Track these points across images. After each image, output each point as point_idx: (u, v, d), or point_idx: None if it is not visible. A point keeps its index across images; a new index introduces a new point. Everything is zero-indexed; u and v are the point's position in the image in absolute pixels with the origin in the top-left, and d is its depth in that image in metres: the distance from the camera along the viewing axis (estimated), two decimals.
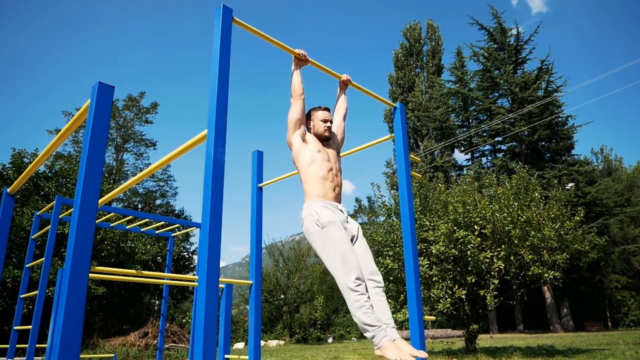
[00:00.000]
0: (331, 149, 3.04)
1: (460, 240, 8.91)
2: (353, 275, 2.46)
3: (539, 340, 15.18)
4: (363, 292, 2.46)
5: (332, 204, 2.76)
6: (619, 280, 28.30)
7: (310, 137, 2.99)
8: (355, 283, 2.45)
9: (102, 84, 2.37)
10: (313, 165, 2.84)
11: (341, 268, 2.49)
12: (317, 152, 2.88)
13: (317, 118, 3.05)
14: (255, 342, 3.78)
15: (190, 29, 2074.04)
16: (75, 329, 1.95)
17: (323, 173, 2.82)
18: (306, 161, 2.86)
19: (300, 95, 2.91)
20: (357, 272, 2.49)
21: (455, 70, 29.70)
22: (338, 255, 2.52)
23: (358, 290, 2.45)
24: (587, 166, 26.35)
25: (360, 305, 2.43)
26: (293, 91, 2.93)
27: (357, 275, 2.47)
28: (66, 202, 5.47)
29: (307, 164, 2.85)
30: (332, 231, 2.59)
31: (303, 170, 2.86)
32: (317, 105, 3.16)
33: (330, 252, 2.56)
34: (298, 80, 2.93)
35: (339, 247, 2.54)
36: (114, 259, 15.53)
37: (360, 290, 2.46)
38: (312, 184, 2.81)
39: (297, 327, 23.01)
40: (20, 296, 5.76)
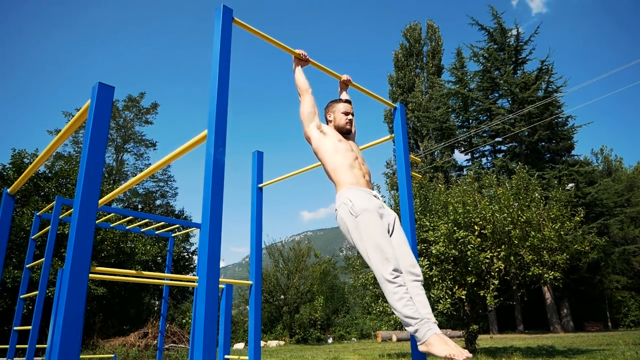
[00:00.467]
0: (352, 141, 2.96)
1: (460, 241, 8.90)
2: (390, 267, 2.34)
3: (539, 340, 15.17)
4: (401, 284, 2.33)
5: (366, 191, 2.64)
6: (619, 281, 28.30)
7: (329, 128, 2.91)
8: (392, 275, 2.32)
9: (102, 85, 2.37)
10: (338, 154, 2.74)
11: (378, 259, 2.37)
12: (339, 142, 2.80)
13: (338, 110, 2.97)
14: (255, 343, 3.78)
15: (190, 30, 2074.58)
16: (75, 329, 1.95)
17: (349, 161, 2.73)
18: (329, 151, 2.76)
19: (308, 89, 2.86)
20: (394, 263, 2.36)
21: (455, 71, 29.70)
22: (374, 245, 2.39)
23: (396, 282, 2.32)
24: (587, 166, 26.36)
25: (400, 297, 2.29)
26: (299, 87, 2.89)
27: (395, 267, 2.35)
28: (66, 203, 5.47)
29: (331, 153, 2.75)
30: (367, 219, 2.46)
31: (328, 161, 2.76)
32: (336, 99, 3.12)
33: (365, 242, 2.43)
34: (302, 76, 2.90)
35: (375, 236, 2.41)
36: (114, 260, 15.53)
37: (398, 282, 2.33)
38: (341, 173, 2.69)
39: (297, 328, 23.00)
40: (20, 296, 5.76)
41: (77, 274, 2.02)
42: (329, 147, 2.77)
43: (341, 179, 2.68)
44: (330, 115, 3.00)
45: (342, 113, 2.95)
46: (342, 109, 2.96)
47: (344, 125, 2.92)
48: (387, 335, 22.71)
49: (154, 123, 30.89)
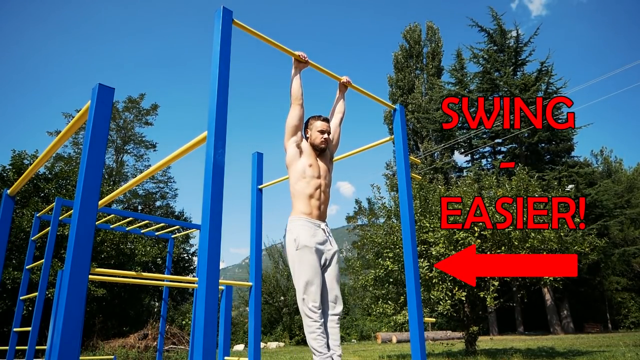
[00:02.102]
0: (323, 163, 3.05)
1: (460, 242, 8.90)
2: (311, 303, 2.65)
3: (539, 342, 15.16)
4: (317, 320, 2.65)
5: (315, 223, 2.86)
6: (619, 282, 28.28)
7: (306, 146, 3.02)
8: (311, 310, 2.64)
9: (102, 86, 2.37)
10: (302, 181, 2.91)
11: (303, 292, 2.67)
12: (309, 167, 2.93)
13: (315, 128, 3.06)
14: (255, 344, 3.78)
15: (190, 31, 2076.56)
16: (75, 330, 1.95)
17: (310, 191, 2.90)
18: (297, 174, 2.93)
19: (299, 101, 2.92)
20: (317, 299, 2.67)
21: (455, 72, 29.71)
22: (303, 280, 2.68)
23: (313, 317, 2.64)
24: (587, 168, 26.35)
25: (313, 331, 2.62)
26: (293, 95, 2.94)
27: (315, 303, 2.66)
28: (66, 204, 5.47)
29: (297, 177, 2.93)
30: (304, 255, 2.73)
31: (292, 183, 2.95)
32: (316, 115, 3.16)
33: (297, 274, 2.72)
34: (298, 85, 2.94)
35: (307, 272, 2.69)
36: (114, 261, 15.51)
37: (314, 317, 2.64)
38: (298, 200, 2.90)
39: (297, 329, 22.98)
40: (20, 298, 5.76)
41: (77, 275, 2.02)
42: (298, 169, 2.93)
43: (297, 205, 2.91)
44: (307, 132, 3.10)
45: (319, 131, 3.05)
46: (319, 127, 3.06)
47: (318, 144, 3.04)
48: (387, 337, 22.69)
49: (154, 124, 30.91)
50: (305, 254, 2.74)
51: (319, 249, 2.80)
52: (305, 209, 2.88)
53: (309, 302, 2.66)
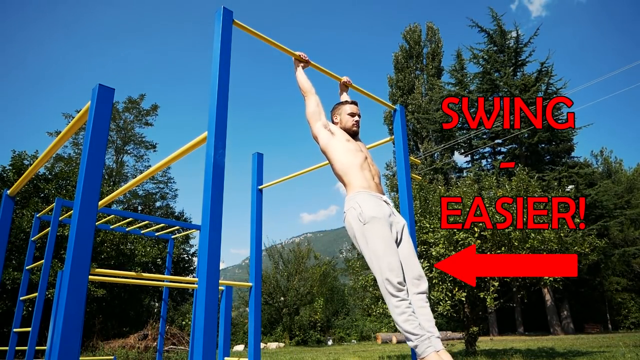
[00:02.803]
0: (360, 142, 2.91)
1: (460, 243, 8.90)
2: (394, 280, 2.30)
3: (539, 342, 15.16)
4: (404, 298, 2.30)
5: (376, 196, 2.56)
6: (619, 283, 28.27)
7: (336, 128, 2.85)
8: (396, 288, 2.29)
9: (102, 86, 2.37)
10: (348, 154, 2.68)
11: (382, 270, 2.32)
12: (347, 142, 2.75)
13: (344, 112, 2.92)
14: (255, 345, 3.77)
15: (190, 32, 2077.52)
16: (75, 331, 1.95)
17: (360, 161, 2.67)
18: (339, 150, 2.69)
19: (311, 89, 2.83)
20: (399, 275, 2.32)
21: (455, 73, 29.72)
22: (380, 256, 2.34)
23: (399, 295, 2.29)
24: (587, 168, 26.35)
25: (402, 312, 2.26)
26: (302, 88, 2.85)
27: (399, 280, 2.31)
28: (66, 204, 5.47)
29: (340, 152, 2.68)
30: (375, 228, 2.40)
31: (337, 160, 2.68)
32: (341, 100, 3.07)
33: (371, 251, 2.38)
34: (304, 77, 2.87)
35: (381, 247, 2.36)
36: (114, 261, 15.51)
37: (401, 295, 2.29)
38: (351, 174, 2.61)
39: (297, 330, 22.97)
40: (20, 298, 5.76)
41: (76, 275, 2.02)
42: (338, 147, 2.71)
43: (352, 180, 2.60)
44: (336, 117, 2.96)
45: (349, 114, 2.90)
46: (349, 110, 2.91)
47: (350, 127, 2.87)
48: (387, 337, 22.68)
49: (154, 125, 30.92)
50: (375, 226, 2.38)
51: (388, 220, 2.48)
52: (362, 182, 2.57)
53: (393, 279, 2.28)
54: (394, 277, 2.30)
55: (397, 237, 2.53)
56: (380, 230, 2.39)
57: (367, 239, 2.40)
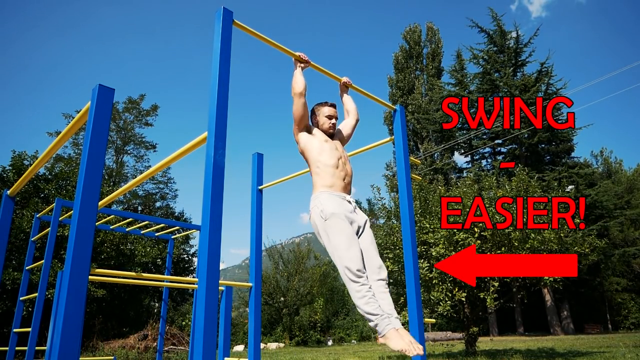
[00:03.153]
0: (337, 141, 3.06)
1: (460, 243, 8.90)
2: (354, 267, 2.48)
3: (539, 342, 15.15)
4: (364, 283, 2.48)
5: (339, 195, 2.76)
6: (619, 283, 28.26)
7: (316, 130, 3.02)
8: (355, 274, 2.47)
9: (102, 87, 2.37)
10: (323, 154, 2.85)
11: (342, 260, 2.51)
12: (325, 142, 2.91)
13: (322, 114, 3.07)
14: (255, 345, 3.77)
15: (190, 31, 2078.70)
16: (75, 331, 1.95)
17: (333, 161, 2.84)
18: (315, 150, 2.87)
19: (303, 93, 2.91)
20: (359, 263, 2.50)
21: (455, 73, 29.71)
22: (341, 248, 2.53)
23: (359, 281, 2.47)
24: (587, 169, 26.34)
25: (362, 295, 2.45)
26: (296, 88, 2.91)
27: (358, 267, 2.49)
28: (66, 205, 5.47)
29: (316, 152, 2.86)
30: (335, 223, 2.60)
31: (313, 160, 2.86)
32: (322, 101, 3.16)
33: (333, 244, 2.58)
34: (301, 77, 2.93)
35: (342, 239, 2.55)
36: (114, 262, 15.51)
37: (361, 281, 2.47)
38: (320, 175, 2.81)
39: (297, 330, 22.97)
40: (19, 298, 5.76)
41: (76, 276, 2.02)
42: (315, 147, 2.89)
43: (318, 181, 2.80)
44: (315, 118, 3.10)
45: (326, 117, 3.04)
46: (327, 113, 3.05)
47: (327, 129, 3.03)
48: None
49: (154, 125, 30.92)
50: (335, 221, 2.61)
51: (348, 216, 2.68)
52: (328, 181, 2.79)
53: (352, 267, 2.48)
54: (353, 265, 2.49)
55: (359, 230, 2.74)
56: (340, 225, 2.60)
57: (329, 233, 2.61)
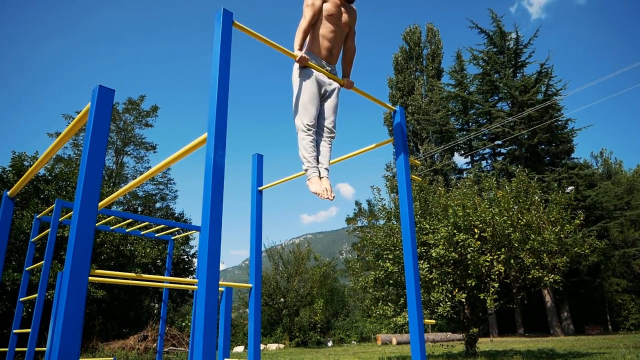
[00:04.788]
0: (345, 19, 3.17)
1: (460, 244, 8.90)
2: (306, 120, 2.91)
3: (540, 343, 15.15)
4: (310, 134, 2.92)
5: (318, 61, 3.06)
6: (619, 284, 28.24)
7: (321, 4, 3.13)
8: (305, 127, 2.91)
9: (102, 87, 2.38)
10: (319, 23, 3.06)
11: (300, 112, 2.94)
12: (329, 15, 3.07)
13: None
14: (255, 346, 3.77)
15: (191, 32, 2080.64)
16: (75, 332, 1.95)
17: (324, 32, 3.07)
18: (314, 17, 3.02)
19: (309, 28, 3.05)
20: (312, 119, 2.93)
21: (455, 74, 29.73)
22: (302, 102, 2.94)
23: (307, 132, 2.91)
24: (587, 169, 26.35)
25: (306, 144, 2.89)
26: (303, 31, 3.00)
27: (310, 122, 2.92)
28: (66, 205, 5.47)
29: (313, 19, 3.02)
30: (303, 81, 2.96)
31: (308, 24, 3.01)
32: None
33: (297, 98, 2.97)
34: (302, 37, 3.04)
35: (305, 95, 2.94)
36: (114, 262, 15.50)
37: (308, 132, 2.91)
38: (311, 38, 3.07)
39: (296, 331, 22.96)
40: (19, 299, 5.76)
41: (76, 276, 2.02)
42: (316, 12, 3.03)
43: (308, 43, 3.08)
44: None
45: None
46: None
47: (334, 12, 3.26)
48: (387, 339, 22.67)
49: (154, 126, 30.92)
50: (306, 80, 2.95)
51: (319, 80, 3.02)
52: (314, 47, 3.06)
53: (305, 119, 2.91)
54: (306, 119, 2.92)
55: (326, 93, 3.11)
56: (308, 84, 2.96)
57: (297, 88, 2.99)
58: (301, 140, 2.92)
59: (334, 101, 3.15)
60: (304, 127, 2.92)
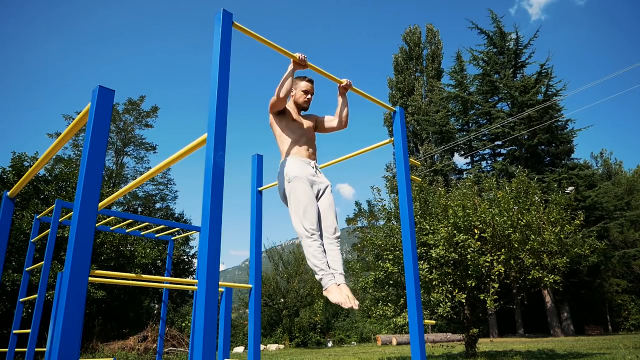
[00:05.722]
0: (307, 120, 3.20)
1: (460, 244, 8.89)
2: (308, 224, 2.73)
3: (540, 344, 15.14)
4: (316, 239, 2.73)
5: (304, 160, 2.98)
6: (619, 284, 28.24)
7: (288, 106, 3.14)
8: (309, 231, 2.72)
9: (102, 88, 2.38)
10: (286, 130, 3.04)
11: (300, 218, 2.76)
12: (292, 121, 3.07)
13: (299, 88, 3.18)
14: (255, 346, 3.77)
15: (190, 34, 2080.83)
16: (75, 332, 1.95)
17: (296, 136, 3.03)
18: (281, 126, 3.06)
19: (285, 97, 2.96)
20: (313, 222, 2.76)
21: (454, 74, 29.73)
22: (299, 206, 2.78)
23: (312, 237, 2.72)
24: (587, 170, 26.34)
25: (314, 250, 2.69)
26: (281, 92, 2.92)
27: (312, 226, 2.74)
28: (66, 206, 5.47)
29: (281, 128, 3.05)
30: (296, 185, 2.84)
31: (278, 134, 3.06)
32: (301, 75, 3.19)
33: (293, 203, 2.82)
34: (290, 84, 2.94)
35: (301, 199, 2.79)
36: (114, 263, 15.50)
37: (313, 237, 2.72)
38: (286, 144, 3.03)
39: (296, 331, 22.95)
40: (19, 300, 5.76)
41: (76, 277, 2.02)
42: (282, 123, 3.07)
43: (284, 149, 3.03)
44: (292, 90, 3.20)
45: (303, 91, 3.17)
46: (304, 87, 3.18)
47: (302, 103, 3.18)
48: (387, 339, 22.67)
49: (154, 126, 30.94)
50: (298, 183, 2.84)
51: (310, 179, 2.91)
52: (293, 150, 3.01)
53: (306, 225, 2.73)
54: (308, 224, 2.74)
55: (319, 193, 2.97)
56: (300, 186, 2.83)
57: (290, 193, 2.85)
58: (308, 248, 2.72)
59: (329, 199, 3.00)
60: (307, 232, 2.73)
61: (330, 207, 2.97)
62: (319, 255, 2.69)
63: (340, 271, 2.77)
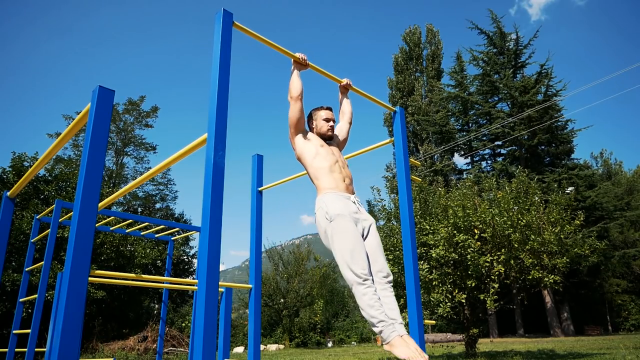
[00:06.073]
0: (334, 146, 3.03)
1: (460, 244, 8.89)
2: (359, 270, 2.41)
3: (540, 344, 15.14)
4: (370, 286, 2.41)
5: (343, 195, 2.71)
6: (619, 284, 28.24)
7: (312, 135, 2.98)
8: (361, 277, 2.41)
9: (102, 88, 2.38)
10: (318, 157, 2.82)
11: (348, 262, 2.44)
12: (321, 147, 2.88)
13: (319, 117, 3.05)
14: (255, 346, 3.77)
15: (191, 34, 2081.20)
16: (75, 332, 1.95)
17: (329, 164, 2.80)
18: (311, 155, 2.84)
19: (300, 97, 2.89)
20: (364, 267, 2.44)
21: (454, 75, 29.73)
22: (346, 250, 2.46)
23: (365, 284, 2.41)
24: (587, 170, 26.34)
25: (368, 298, 2.38)
26: (293, 92, 2.89)
27: (363, 271, 2.42)
28: (66, 206, 5.47)
29: (312, 157, 2.83)
30: (340, 225, 2.53)
31: (309, 164, 2.83)
32: (318, 106, 3.15)
33: (338, 246, 2.50)
34: (298, 81, 2.91)
35: (347, 241, 2.48)
36: (114, 263, 15.50)
37: (366, 284, 2.41)
38: (321, 177, 2.76)
39: (296, 331, 22.95)
40: (19, 300, 5.76)
41: (76, 277, 2.02)
42: (311, 151, 2.85)
43: (321, 183, 2.76)
44: (312, 123, 3.08)
45: (324, 120, 3.02)
46: (324, 116, 3.04)
47: (325, 132, 3.00)
48: None
49: (154, 126, 30.94)
50: (340, 222, 2.53)
51: (354, 217, 2.61)
52: (330, 183, 2.73)
53: (357, 270, 2.40)
54: (359, 269, 2.42)
55: (364, 232, 2.66)
56: (344, 226, 2.53)
57: (334, 235, 2.53)
58: (362, 297, 2.38)
59: (376, 238, 2.68)
60: (359, 278, 2.40)
61: (379, 248, 2.66)
62: (376, 304, 2.37)
63: (400, 320, 2.47)
